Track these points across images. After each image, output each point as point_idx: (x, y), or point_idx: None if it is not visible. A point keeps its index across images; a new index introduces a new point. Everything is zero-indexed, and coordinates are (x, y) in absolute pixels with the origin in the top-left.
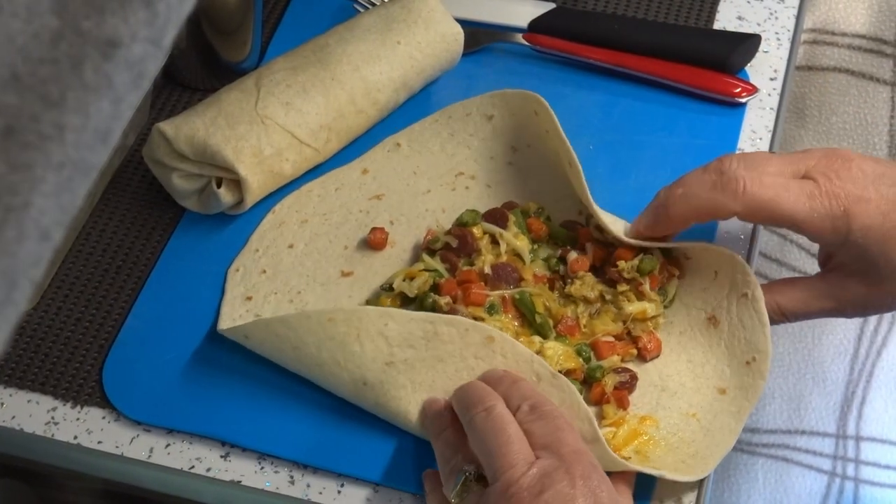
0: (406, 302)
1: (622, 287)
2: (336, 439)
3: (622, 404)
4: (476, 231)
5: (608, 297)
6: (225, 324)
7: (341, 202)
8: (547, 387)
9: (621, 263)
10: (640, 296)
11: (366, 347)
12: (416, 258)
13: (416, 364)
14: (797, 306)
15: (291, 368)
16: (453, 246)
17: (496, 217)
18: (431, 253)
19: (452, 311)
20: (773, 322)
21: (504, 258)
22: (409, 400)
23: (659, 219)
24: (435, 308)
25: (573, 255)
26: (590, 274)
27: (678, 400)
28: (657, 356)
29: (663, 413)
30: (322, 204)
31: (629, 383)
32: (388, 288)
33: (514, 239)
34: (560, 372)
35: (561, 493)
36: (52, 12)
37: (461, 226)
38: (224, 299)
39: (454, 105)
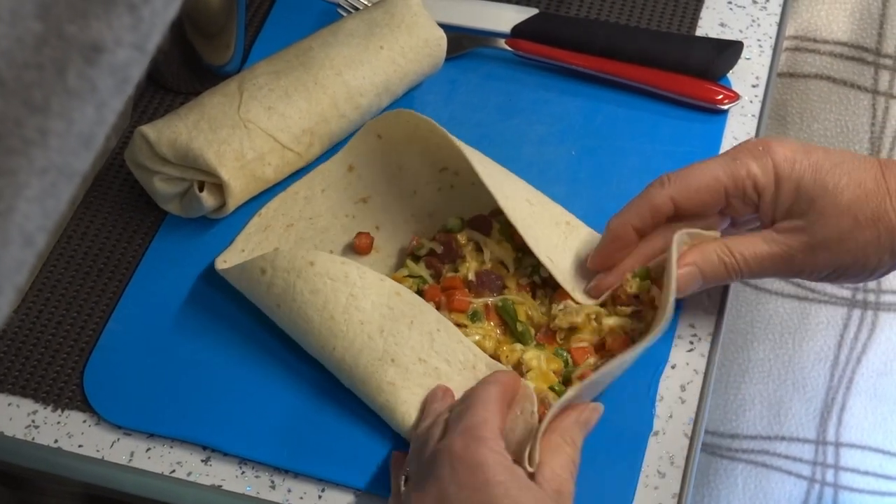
0: None
1: (625, 308)
2: (317, 444)
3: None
4: (461, 238)
5: (592, 315)
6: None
7: (328, 205)
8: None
9: (627, 282)
10: (622, 311)
11: (413, 334)
12: (401, 263)
13: (441, 377)
14: (746, 246)
15: (319, 317)
16: (438, 252)
17: (481, 224)
18: (416, 259)
19: None
20: (726, 268)
21: (488, 265)
22: (404, 397)
23: (602, 246)
24: None
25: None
26: (569, 301)
27: None
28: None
29: None
30: (308, 207)
31: None
32: None
33: (498, 246)
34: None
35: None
36: (36, 17)
37: (446, 232)
38: (221, 259)
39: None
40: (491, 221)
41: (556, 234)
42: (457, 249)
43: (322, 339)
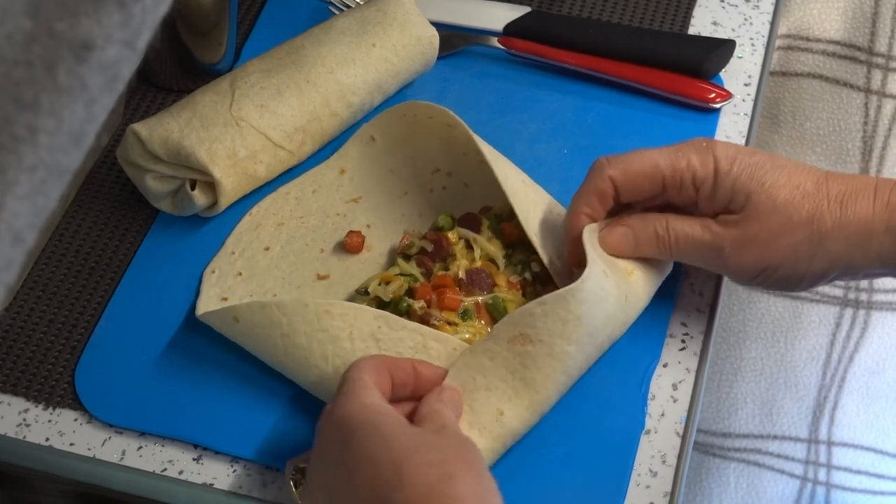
0: (381, 306)
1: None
2: (309, 443)
3: None
4: (451, 236)
5: None
6: (204, 312)
7: (319, 205)
8: None
9: None
10: None
11: (356, 346)
12: (392, 262)
13: None
14: (682, 226)
15: (269, 358)
16: (428, 250)
17: (470, 222)
18: (407, 258)
19: (426, 316)
20: (658, 241)
21: (478, 263)
22: None
23: (567, 241)
24: (409, 312)
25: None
26: None
27: None
28: None
29: None
30: (299, 206)
31: None
32: (363, 292)
33: (488, 244)
34: None
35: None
36: (25, 14)
37: (436, 230)
38: (199, 299)
39: (417, 102)
40: (480, 219)
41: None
42: (447, 248)
43: (288, 379)
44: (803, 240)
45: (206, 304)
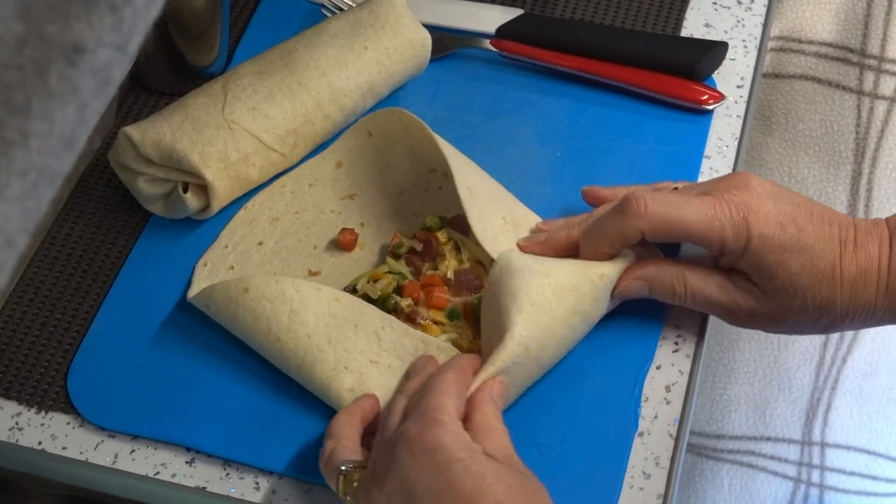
0: (369, 303)
1: None
2: (302, 446)
3: None
4: (441, 236)
5: None
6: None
7: (314, 200)
8: None
9: None
10: None
11: (359, 336)
12: (383, 260)
13: (397, 373)
14: (700, 285)
15: (265, 336)
16: (418, 250)
17: (461, 223)
18: (396, 256)
19: (413, 314)
20: (673, 294)
21: (467, 265)
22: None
23: (550, 244)
24: (396, 309)
25: None
26: None
27: None
28: None
29: None
30: (295, 201)
31: None
32: (351, 289)
33: (476, 246)
34: None
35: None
36: (16, 17)
37: (426, 230)
38: (190, 290)
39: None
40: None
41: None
42: (437, 248)
43: (276, 360)
44: (813, 320)
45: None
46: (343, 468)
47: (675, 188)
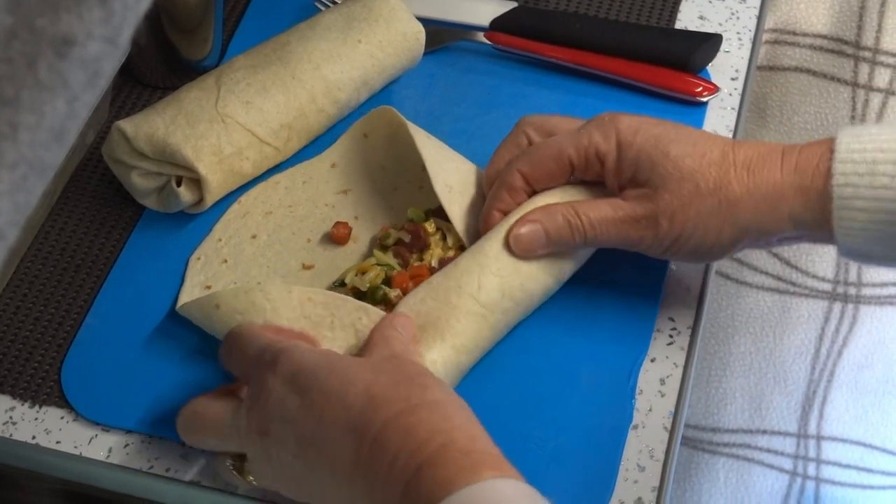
0: (359, 297)
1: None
2: None
3: None
4: (428, 227)
5: None
6: (183, 304)
7: (308, 195)
8: None
9: None
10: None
11: (336, 334)
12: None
13: None
14: (592, 209)
15: None
16: (406, 241)
17: (443, 213)
18: (384, 248)
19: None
20: (571, 230)
21: (452, 252)
22: None
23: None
24: (385, 300)
25: None
26: None
27: None
28: None
29: None
30: (288, 196)
31: None
32: (340, 283)
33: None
34: None
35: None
36: (5, 10)
37: (412, 222)
38: (183, 287)
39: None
40: None
41: None
42: (425, 238)
43: None
44: (712, 208)
45: (189, 294)
46: (230, 464)
47: None
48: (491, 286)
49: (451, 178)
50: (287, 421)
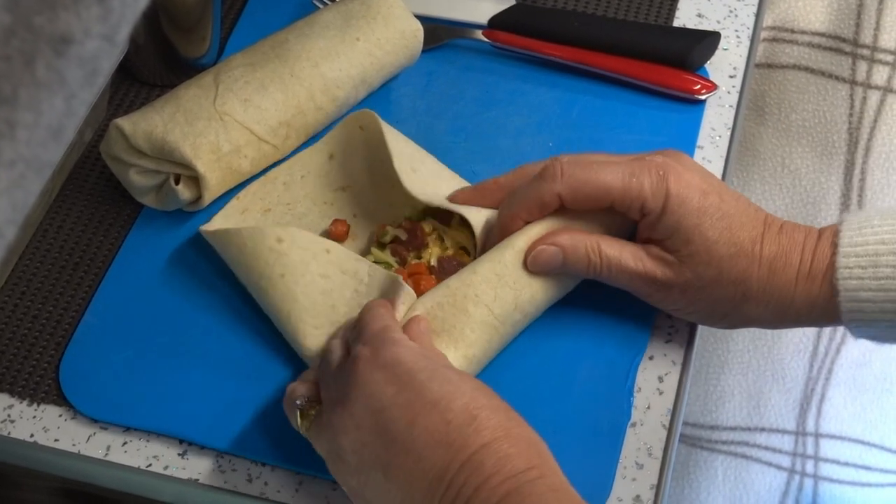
0: None
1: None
2: (293, 437)
3: None
4: (426, 226)
5: None
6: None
7: (306, 192)
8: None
9: None
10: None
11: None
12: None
13: None
14: (614, 254)
15: (266, 273)
16: (403, 239)
17: (442, 216)
18: (382, 246)
19: None
20: (588, 264)
21: (450, 251)
22: None
23: (497, 230)
24: None
25: None
26: None
27: None
28: None
29: None
30: (287, 192)
31: None
32: None
33: (458, 232)
34: None
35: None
36: (3, 8)
37: (410, 220)
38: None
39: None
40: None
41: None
42: (422, 237)
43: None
44: (727, 296)
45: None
46: (298, 403)
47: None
48: (506, 298)
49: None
50: (375, 407)
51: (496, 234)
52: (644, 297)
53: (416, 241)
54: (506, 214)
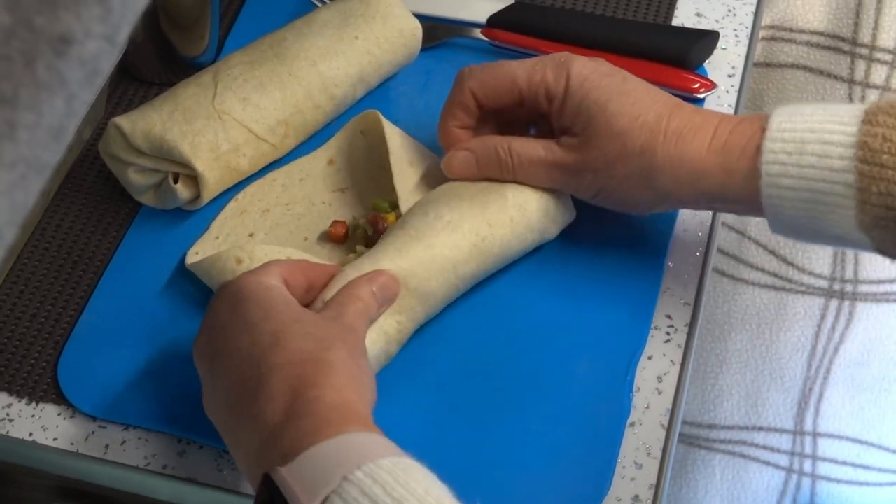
0: None
1: None
2: None
3: None
4: (390, 218)
5: None
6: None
7: (305, 193)
8: None
9: None
10: None
11: None
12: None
13: None
14: (524, 148)
15: None
16: (370, 233)
17: None
18: (355, 242)
19: None
20: (500, 163)
21: None
22: None
23: (446, 150)
24: None
25: None
26: None
27: None
28: None
29: None
30: (285, 193)
31: None
32: None
33: None
34: None
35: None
36: (3, 8)
37: (375, 212)
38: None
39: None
40: None
41: None
42: (383, 228)
43: None
44: (634, 170)
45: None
46: None
47: None
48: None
49: (415, 176)
50: (210, 333)
51: (446, 150)
52: (561, 187)
53: (378, 232)
54: (440, 130)
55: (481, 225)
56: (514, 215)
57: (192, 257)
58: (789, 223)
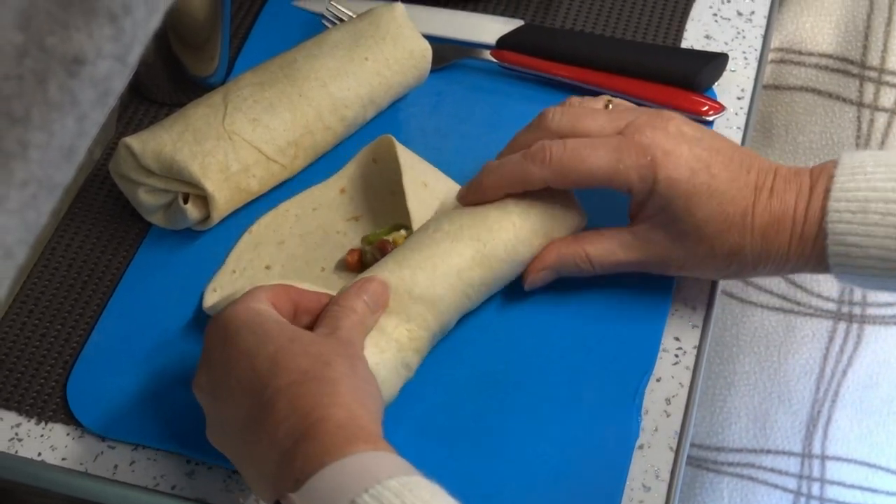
0: None
1: None
2: None
3: None
4: (398, 240)
5: None
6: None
7: (319, 223)
8: None
9: None
10: None
11: None
12: None
13: None
14: (602, 253)
15: None
16: (378, 258)
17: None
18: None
19: None
20: (581, 271)
21: None
22: None
23: (472, 188)
24: None
25: None
26: None
27: None
28: None
29: None
30: (299, 224)
31: None
32: None
33: None
34: None
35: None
36: (16, 27)
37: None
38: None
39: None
40: None
41: None
42: (389, 251)
43: None
44: (722, 266)
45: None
46: None
47: (609, 102)
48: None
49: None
50: (207, 369)
51: (471, 193)
52: (643, 271)
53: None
54: (489, 182)
55: (482, 231)
56: (517, 220)
57: (211, 294)
58: (855, 278)
